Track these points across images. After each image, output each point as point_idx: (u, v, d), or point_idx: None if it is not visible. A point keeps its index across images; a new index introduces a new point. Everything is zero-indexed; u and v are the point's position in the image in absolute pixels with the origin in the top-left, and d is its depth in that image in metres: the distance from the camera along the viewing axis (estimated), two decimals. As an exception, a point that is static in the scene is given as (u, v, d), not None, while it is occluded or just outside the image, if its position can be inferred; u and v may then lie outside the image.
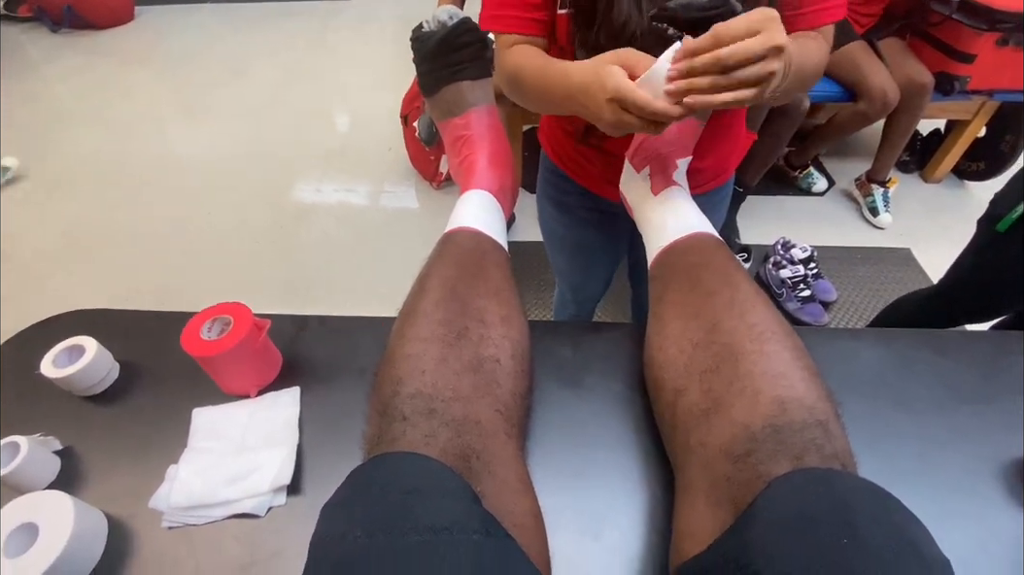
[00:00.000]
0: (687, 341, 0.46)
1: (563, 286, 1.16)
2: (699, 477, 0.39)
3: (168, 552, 0.48)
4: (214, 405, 0.59)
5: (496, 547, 0.31)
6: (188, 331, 0.56)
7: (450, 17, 0.60)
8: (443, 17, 0.60)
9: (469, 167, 0.63)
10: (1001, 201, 0.94)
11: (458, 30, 0.59)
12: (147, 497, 0.51)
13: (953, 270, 1.09)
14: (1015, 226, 0.90)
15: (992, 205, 0.97)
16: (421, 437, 0.36)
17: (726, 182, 0.87)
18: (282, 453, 0.53)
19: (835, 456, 0.34)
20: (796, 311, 1.68)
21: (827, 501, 0.31)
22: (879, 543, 0.28)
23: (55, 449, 0.56)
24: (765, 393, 0.38)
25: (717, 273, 0.50)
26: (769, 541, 0.30)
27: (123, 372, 0.63)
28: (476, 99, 0.63)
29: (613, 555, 0.47)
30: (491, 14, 0.67)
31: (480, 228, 0.56)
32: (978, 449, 0.54)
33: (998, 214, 0.93)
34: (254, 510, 0.50)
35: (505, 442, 0.41)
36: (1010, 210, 0.90)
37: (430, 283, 0.48)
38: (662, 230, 0.58)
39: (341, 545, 0.30)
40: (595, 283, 1.11)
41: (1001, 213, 0.92)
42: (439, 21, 0.60)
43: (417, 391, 0.39)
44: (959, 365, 0.62)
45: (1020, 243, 0.91)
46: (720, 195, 0.88)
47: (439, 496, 0.32)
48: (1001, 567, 0.46)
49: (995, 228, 0.93)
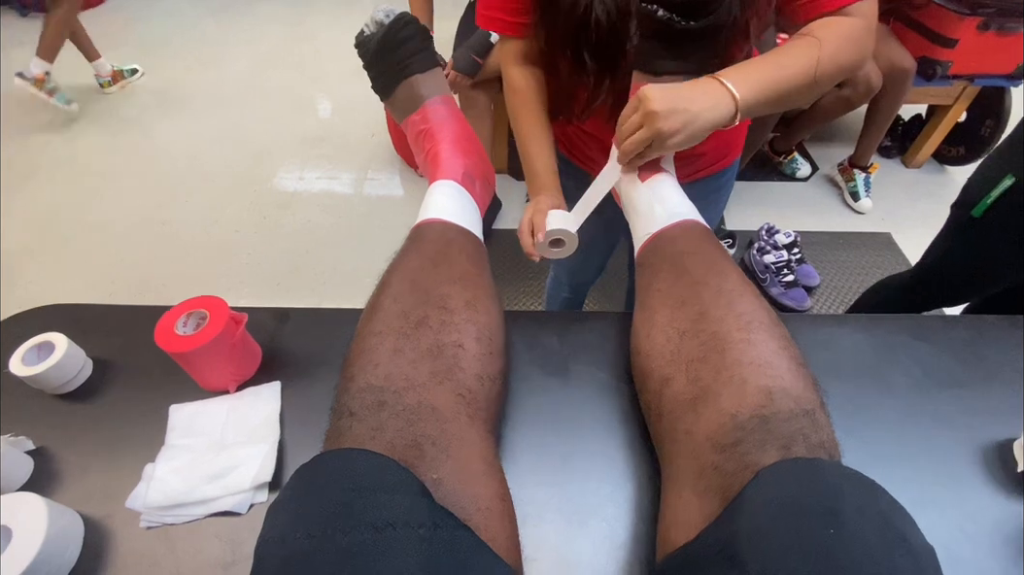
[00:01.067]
0: (674, 330, 0.46)
1: (558, 270, 1.16)
2: (686, 466, 0.39)
3: (147, 552, 0.47)
4: (192, 401, 0.57)
5: (446, 539, 0.30)
6: (162, 326, 0.54)
7: (387, 16, 0.60)
8: (379, 17, 0.60)
9: (433, 159, 0.63)
10: (975, 186, 0.95)
11: (396, 26, 0.59)
12: (124, 497, 0.50)
13: (928, 256, 1.11)
14: (990, 211, 0.91)
15: (965, 190, 0.97)
16: (368, 431, 0.36)
17: (729, 165, 0.86)
18: (263, 449, 0.52)
19: (821, 445, 0.35)
20: (780, 296, 1.70)
21: (814, 491, 0.31)
22: (866, 533, 0.28)
23: (27, 449, 0.54)
24: (752, 383, 0.38)
25: (704, 262, 0.49)
26: (756, 531, 0.30)
27: (96, 369, 0.61)
28: (429, 91, 0.63)
29: (600, 544, 0.47)
30: (482, 14, 0.68)
31: (446, 218, 0.55)
32: (956, 433, 0.55)
33: (972, 199, 0.94)
34: (235, 508, 0.49)
35: (467, 425, 0.40)
36: (984, 195, 0.91)
37: (391, 278, 0.48)
38: (649, 218, 0.57)
39: (282, 547, 0.29)
40: (591, 268, 1.13)
41: (975, 198, 0.93)
42: (376, 22, 0.60)
43: (368, 385, 0.39)
44: (938, 350, 0.63)
45: (995, 227, 0.92)
46: (722, 179, 0.87)
47: (382, 492, 0.31)
48: (979, 548, 0.46)
49: (970, 213, 0.94)
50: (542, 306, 1.70)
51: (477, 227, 0.58)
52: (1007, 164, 0.88)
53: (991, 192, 0.89)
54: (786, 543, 0.28)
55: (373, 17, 0.60)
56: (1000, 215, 0.90)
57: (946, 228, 1.04)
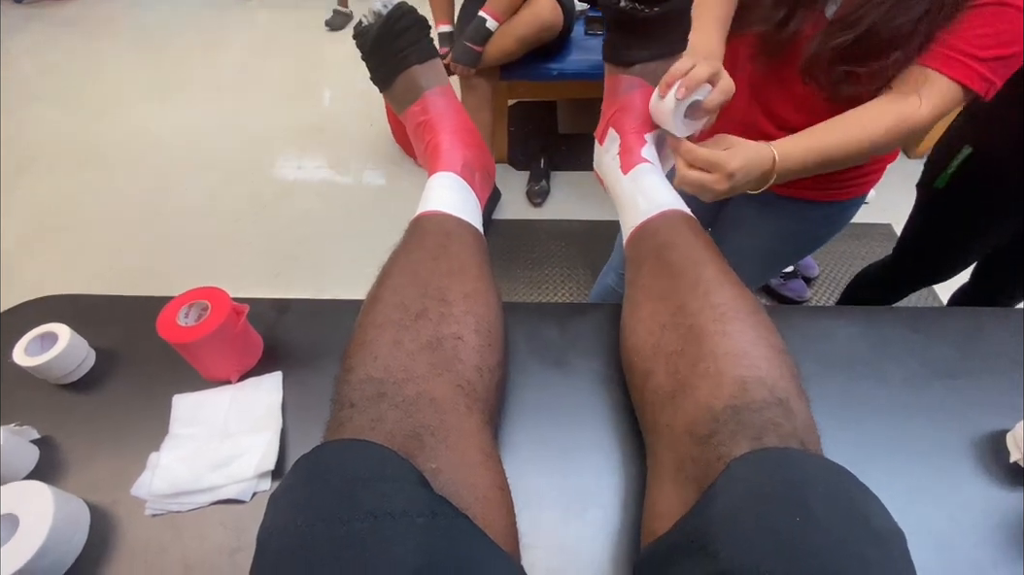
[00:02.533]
0: (656, 323, 0.46)
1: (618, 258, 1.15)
2: (666, 458, 0.40)
3: (153, 539, 0.48)
4: (194, 391, 0.58)
5: (444, 527, 0.31)
6: (164, 317, 0.55)
7: (384, 6, 0.60)
8: (377, 7, 0.60)
9: (433, 151, 0.63)
10: (936, 161, 0.97)
11: (394, 17, 0.59)
12: (129, 485, 0.51)
13: (903, 235, 1.14)
14: (951, 181, 0.93)
15: (927, 167, 1.00)
16: (367, 422, 0.37)
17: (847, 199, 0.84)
18: (265, 438, 0.53)
19: (794, 434, 0.35)
20: (779, 287, 1.70)
21: (782, 480, 0.32)
22: (830, 519, 0.29)
23: (32, 438, 0.55)
24: (727, 374, 0.39)
25: (684, 254, 0.50)
26: (727, 521, 0.31)
27: (99, 359, 0.62)
28: (428, 82, 0.63)
29: (597, 531, 0.48)
30: None
31: (445, 210, 0.56)
32: (950, 423, 0.55)
33: (935, 173, 0.96)
34: (239, 495, 0.50)
35: (465, 415, 0.41)
36: (945, 167, 0.93)
37: (391, 270, 0.49)
38: (633, 210, 0.58)
39: (284, 536, 0.30)
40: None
41: (937, 172, 0.96)
42: (374, 12, 0.60)
43: (368, 376, 0.40)
44: (933, 341, 0.63)
45: (957, 196, 0.95)
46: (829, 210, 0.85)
47: (382, 482, 0.32)
48: (970, 537, 0.47)
49: (933, 186, 0.97)
50: (540, 297, 1.70)
51: (477, 219, 0.59)
52: (965, 135, 0.91)
53: (951, 163, 0.92)
54: (755, 532, 0.29)
55: (371, 8, 0.60)
56: (961, 184, 0.93)
57: (915, 206, 1.08)
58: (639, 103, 0.61)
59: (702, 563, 0.30)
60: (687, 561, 0.31)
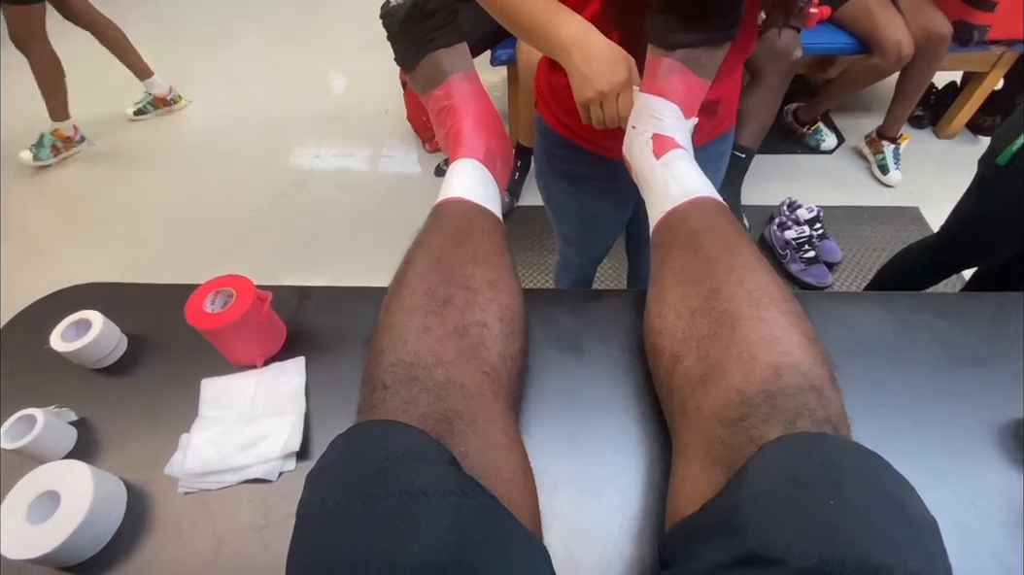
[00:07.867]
0: (686, 307, 0.46)
1: (568, 251, 1.17)
2: (695, 441, 0.40)
3: (186, 515, 0.50)
4: (222, 375, 0.60)
5: (474, 507, 0.32)
6: (191, 305, 0.57)
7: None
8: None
9: (455, 136, 0.62)
10: (1002, 136, 0.94)
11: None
12: (162, 465, 0.53)
13: (954, 214, 1.10)
14: (1014, 159, 0.90)
15: (993, 141, 0.96)
16: (400, 404, 0.38)
17: (725, 132, 0.85)
18: (290, 420, 0.54)
19: (828, 420, 0.35)
20: (800, 273, 1.67)
21: (815, 464, 0.31)
22: (865, 503, 0.29)
23: (70, 420, 0.57)
24: (761, 359, 0.38)
25: (718, 239, 0.49)
26: (757, 502, 0.31)
27: (131, 344, 0.64)
28: (453, 66, 0.62)
29: (612, 514, 0.48)
30: None
31: (468, 197, 0.56)
32: (974, 410, 0.54)
33: (999, 149, 0.93)
34: (266, 475, 0.52)
35: (491, 401, 0.41)
36: (1010, 143, 0.90)
37: (416, 255, 0.49)
38: (664, 195, 0.57)
39: (323, 510, 0.31)
40: (601, 246, 1.14)
41: (1001, 147, 0.92)
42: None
43: (399, 360, 0.40)
44: (958, 327, 0.62)
45: (1019, 175, 0.91)
46: (719, 147, 0.85)
47: (415, 461, 0.33)
48: (993, 525, 0.47)
49: (995, 162, 0.93)
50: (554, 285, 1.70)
51: (497, 207, 0.59)
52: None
53: (1016, 139, 0.88)
54: (786, 513, 0.29)
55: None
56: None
57: (972, 183, 1.04)
58: (679, 87, 0.60)
59: (732, 542, 0.30)
60: (717, 540, 0.31)
